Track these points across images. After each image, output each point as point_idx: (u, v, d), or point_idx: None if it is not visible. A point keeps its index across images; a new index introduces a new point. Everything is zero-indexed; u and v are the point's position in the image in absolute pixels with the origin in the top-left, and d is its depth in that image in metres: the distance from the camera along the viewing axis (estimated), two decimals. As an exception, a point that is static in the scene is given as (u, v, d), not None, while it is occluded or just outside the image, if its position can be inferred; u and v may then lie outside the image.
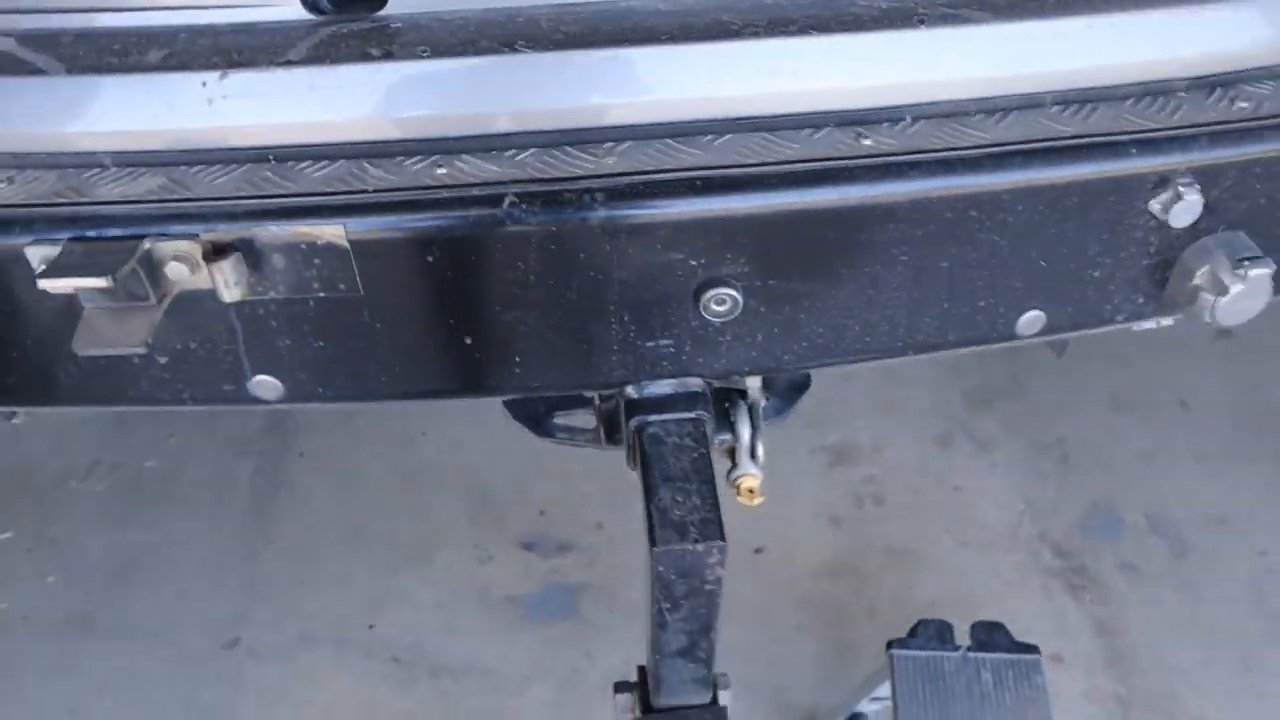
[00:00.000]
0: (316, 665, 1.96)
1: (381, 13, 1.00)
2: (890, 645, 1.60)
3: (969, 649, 1.59)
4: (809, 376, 1.26)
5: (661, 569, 1.02)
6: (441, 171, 0.95)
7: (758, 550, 2.17)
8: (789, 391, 1.25)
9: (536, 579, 2.10)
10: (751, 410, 1.20)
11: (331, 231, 0.94)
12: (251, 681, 1.94)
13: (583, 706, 1.89)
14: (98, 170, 0.97)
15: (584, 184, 0.94)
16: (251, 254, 0.94)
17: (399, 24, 0.99)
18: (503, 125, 0.96)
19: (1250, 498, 2.29)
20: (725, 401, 1.20)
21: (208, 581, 2.08)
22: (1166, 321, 1.35)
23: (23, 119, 0.96)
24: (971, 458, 2.34)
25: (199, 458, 2.30)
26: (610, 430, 1.19)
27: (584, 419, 1.23)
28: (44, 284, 0.88)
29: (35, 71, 0.96)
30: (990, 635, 1.61)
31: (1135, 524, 2.24)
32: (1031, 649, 1.59)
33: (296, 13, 1.00)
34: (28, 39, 0.98)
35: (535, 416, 1.22)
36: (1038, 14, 1.02)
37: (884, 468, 2.31)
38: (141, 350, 0.91)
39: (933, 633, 1.62)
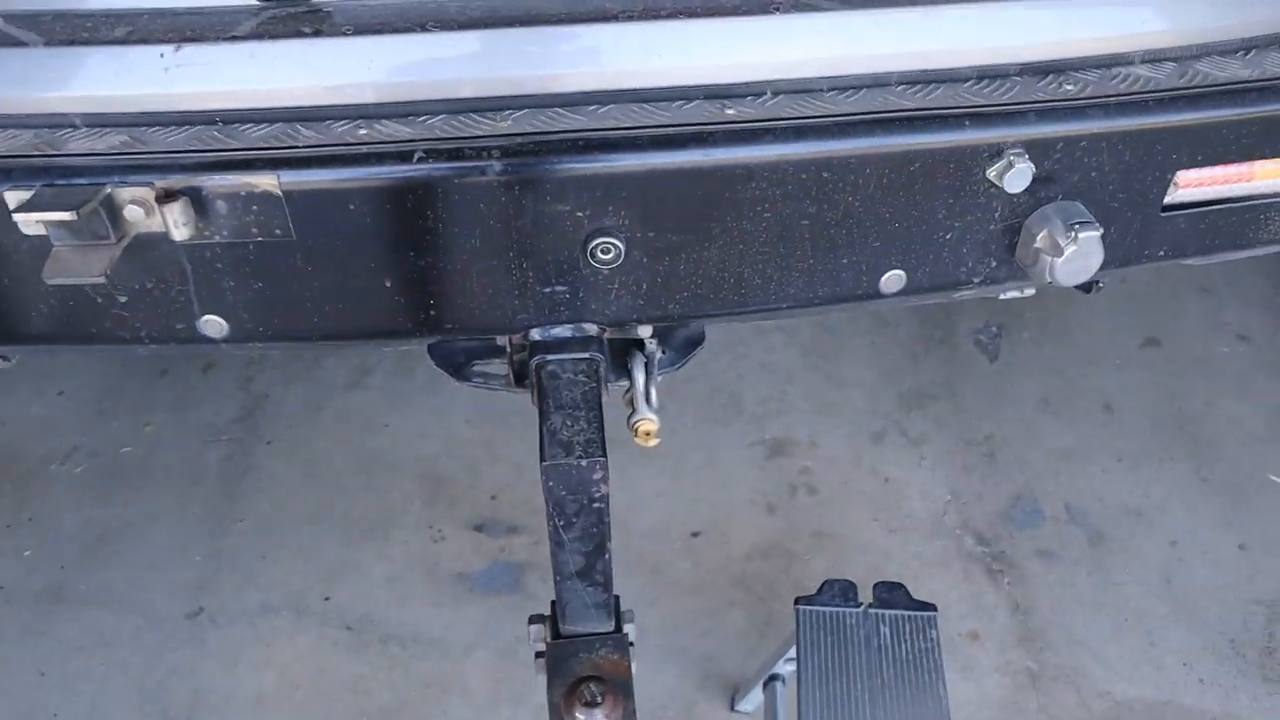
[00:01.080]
0: (275, 632, 2.08)
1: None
2: (797, 601, 1.72)
3: (870, 605, 1.71)
4: (703, 333, 1.41)
5: (551, 484, 1.15)
6: (363, 132, 1.11)
7: (695, 534, 2.29)
8: (684, 345, 1.39)
9: (485, 557, 2.22)
10: (648, 361, 1.34)
11: (267, 181, 1.09)
12: (213, 645, 2.05)
13: (521, 672, 2.00)
14: (69, 129, 1.13)
15: (482, 143, 1.10)
16: (199, 200, 1.09)
17: (330, 8, 1.15)
18: (415, 93, 1.12)
19: (1165, 493, 2.42)
20: (625, 354, 1.35)
21: (176, 556, 2.20)
22: (1029, 290, 1.51)
23: (5, 84, 1.13)
24: (902, 452, 2.47)
25: (172, 444, 2.43)
26: (520, 376, 1.32)
27: (498, 367, 1.37)
28: (18, 218, 1.03)
29: (17, 44, 1.12)
30: (891, 593, 1.73)
31: (1055, 515, 2.37)
32: (928, 606, 1.71)
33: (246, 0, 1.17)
34: (12, 17, 1.14)
35: (456, 364, 1.37)
36: (882, 2, 1.18)
37: (818, 460, 2.45)
38: (101, 280, 1.05)
39: (837, 591, 1.74)
